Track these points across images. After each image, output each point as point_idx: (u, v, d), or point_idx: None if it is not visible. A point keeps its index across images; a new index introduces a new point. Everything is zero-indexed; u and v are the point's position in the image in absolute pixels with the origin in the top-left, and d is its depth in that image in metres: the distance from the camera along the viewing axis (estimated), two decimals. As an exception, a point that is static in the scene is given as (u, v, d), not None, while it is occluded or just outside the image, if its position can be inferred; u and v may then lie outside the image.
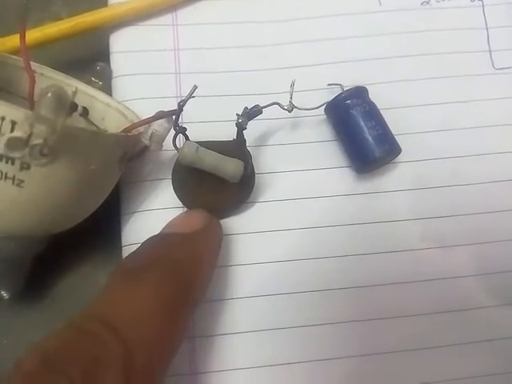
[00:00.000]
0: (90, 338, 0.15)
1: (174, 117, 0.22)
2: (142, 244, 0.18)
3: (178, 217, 0.19)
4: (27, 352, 0.15)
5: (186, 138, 0.23)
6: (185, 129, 0.23)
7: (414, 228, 0.25)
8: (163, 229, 0.18)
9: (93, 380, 0.14)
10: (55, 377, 0.14)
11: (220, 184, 0.23)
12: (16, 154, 0.17)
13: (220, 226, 0.20)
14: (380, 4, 0.29)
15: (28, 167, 0.18)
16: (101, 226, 0.24)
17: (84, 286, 0.25)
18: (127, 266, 0.17)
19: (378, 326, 0.24)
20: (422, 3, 0.29)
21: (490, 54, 0.28)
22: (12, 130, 0.17)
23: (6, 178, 0.18)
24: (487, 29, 0.29)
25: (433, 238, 0.25)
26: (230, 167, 0.22)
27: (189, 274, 0.17)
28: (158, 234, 0.18)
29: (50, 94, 0.16)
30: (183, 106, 0.22)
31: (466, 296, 0.24)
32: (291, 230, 0.24)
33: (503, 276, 0.25)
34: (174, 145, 0.23)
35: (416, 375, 0.23)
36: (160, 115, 0.22)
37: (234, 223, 0.24)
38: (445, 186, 0.26)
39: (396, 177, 0.26)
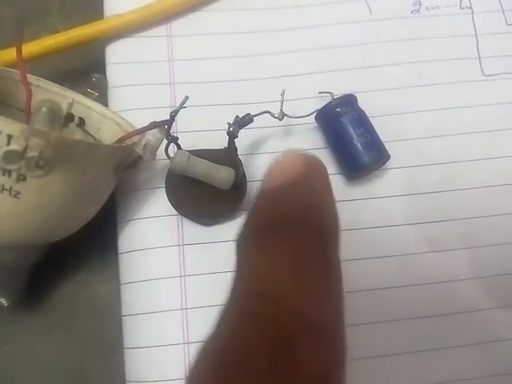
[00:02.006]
0: (256, 319, 0.13)
1: (166, 126, 0.23)
2: (252, 209, 0.15)
3: (272, 167, 0.16)
4: (195, 365, 0.13)
5: (178, 147, 0.24)
6: (177, 138, 0.24)
7: (406, 233, 0.26)
8: (263, 183, 0.16)
9: (286, 361, 0.12)
10: (242, 380, 0.12)
11: (212, 191, 0.24)
12: (12, 167, 0.18)
13: (318, 159, 0.18)
14: (370, 13, 0.30)
15: (24, 179, 0.19)
16: (97, 234, 0.25)
17: (81, 293, 0.26)
18: (248, 237, 0.15)
19: (371, 330, 0.24)
20: (411, 11, 0.30)
21: (480, 61, 0.29)
22: (8, 144, 0.18)
23: (3, 189, 0.19)
24: (476, 36, 0.29)
25: (425, 242, 0.26)
26: (221, 175, 0.23)
27: (315, 221, 0.15)
28: (262, 192, 0.16)
29: (44, 109, 0.17)
30: (175, 116, 0.23)
31: (461, 299, 0.25)
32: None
33: (498, 279, 0.25)
34: (167, 154, 0.24)
35: (411, 378, 0.24)
36: (153, 125, 0.23)
37: (227, 230, 0.25)
38: (435, 191, 0.26)
39: (386, 183, 0.26)
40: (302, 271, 0.14)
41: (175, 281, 0.24)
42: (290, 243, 0.14)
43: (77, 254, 0.25)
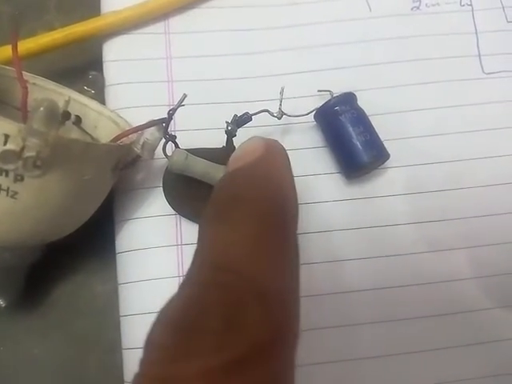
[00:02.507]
0: (214, 286, 0.14)
1: (164, 125, 0.23)
2: (215, 190, 0.17)
3: (236, 152, 0.18)
4: (152, 328, 0.14)
5: (176, 145, 0.24)
6: (174, 137, 0.24)
7: (406, 232, 0.26)
8: (228, 167, 0.18)
9: (235, 326, 0.13)
10: (196, 339, 0.13)
11: (210, 191, 0.24)
12: (10, 167, 0.18)
13: (278, 143, 0.19)
14: (370, 10, 0.30)
15: (22, 179, 0.19)
16: (94, 233, 0.25)
17: (79, 293, 0.26)
18: (211, 213, 0.16)
19: (370, 330, 0.24)
20: (411, 8, 0.30)
21: (480, 59, 0.29)
22: (5, 143, 0.18)
23: (0, 189, 0.19)
24: (477, 33, 0.29)
25: (426, 242, 0.26)
26: (219, 174, 0.23)
27: (272, 197, 0.16)
28: (225, 175, 0.17)
29: (42, 108, 0.17)
30: (173, 114, 0.23)
31: (462, 299, 0.25)
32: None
33: (499, 278, 0.25)
34: (164, 153, 0.23)
35: (410, 379, 0.24)
36: (150, 123, 0.23)
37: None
38: (436, 190, 0.26)
39: (386, 182, 0.26)
40: (259, 244, 0.15)
41: (173, 281, 0.24)
42: (249, 218, 0.15)
43: (75, 254, 0.25)
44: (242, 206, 0.15)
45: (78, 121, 0.26)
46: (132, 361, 0.24)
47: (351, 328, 0.24)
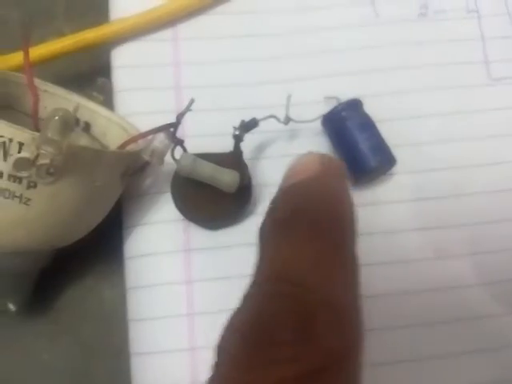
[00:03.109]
0: (280, 298, 0.14)
1: (172, 129, 0.23)
2: (272, 203, 0.17)
3: (291, 166, 0.18)
4: (224, 336, 0.14)
5: (184, 149, 0.24)
6: (182, 141, 0.24)
7: (413, 238, 0.26)
8: (282, 182, 0.18)
9: (307, 336, 0.13)
10: (268, 349, 0.13)
11: (218, 195, 0.24)
12: (23, 174, 0.19)
13: (334, 157, 0.19)
14: (377, 16, 0.30)
15: (35, 186, 0.19)
16: (103, 239, 0.25)
17: (87, 298, 0.26)
18: (270, 227, 0.17)
19: (377, 337, 0.25)
20: (418, 15, 0.30)
21: (487, 65, 0.29)
22: (19, 151, 0.18)
23: (13, 196, 0.19)
24: (483, 40, 0.30)
25: (432, 248, 0.26)
26: (226, 178, 0.24)
27: (333, 213, 0.17)
28: (283, 189, 0.18)
29: (57, 118, 0.18)
30: (181, 118, 0.23)
31: (469, 305, 0.25)
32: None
33: (507, 284, 0.26)
34: (173, 157, 0.24)
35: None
36: (158, 128, 0.23)
37: (233, 235, 0.26)
38: (443, 196, 0.27)
39: (393, 188, 0.27)
40: (322, 258, 0.15)
41: (181, 286, 0.25)
42: (312, 233, 0.16)
43: (83, 259, 0.26)
44: (302, 223, 0.16)
45: (87, 127, 0.26)
46: (140, 366, 0.24)
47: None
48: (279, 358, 0.13)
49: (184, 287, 0.25)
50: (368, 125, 0.26)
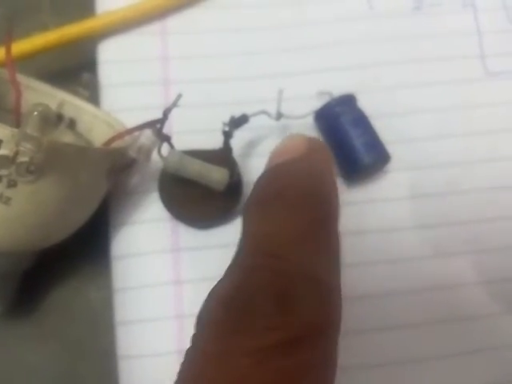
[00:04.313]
0: (262, 270, 0.15)
1: (159, 125, 0.23)
2: (256, 182, 0.18)
3: (277, 147, 0.19)
4: (205, 306, 0.15)
5: (171, 146, 0.24)
6: (169, 137, 0.24)
7: (410, 237, 0.26)
8: (268, 163, 0.19)
9: (287, 307, 0.14)
10: (249, 318, 0.14)
11: (206, 192, 0.24)
12: (3, 172, 0.18)
13: (320, 141, 0.20)
14: (371, 9, 0.30)
15: (15, 184, 0.19)
16: (89, 239, 0.25)
17: (73, 300, 0.26)
18: (254, 203, 0.17)
19: (376, 337, 0.24)
20: (413, 8, 0.30)
21: (483, 60, 0.29)
22: (-2, 148, 0.18)
23: (-7, 195, 0.19)
24: (479, 34, 0.30)
25: (430, 246, 0.26)
26: (215, 175, 0.23)
27: (316, 192, 0.17)
28: (268, 169, 0.18)
29: (36, 113, 0.17)
30: (168, 114, 0.23)
31: (467, 304, 0.25)
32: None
33: (505, 284, 0.25)
34: (159, 154, 0.24)
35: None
36: (145, 124, 0.23)
37: (222, 235, 0.25)
38: (440, 193, 0.27)
39: (388, 186, 0.27)
40: (305, 235, 0.16)
41: (170, 287, 0.25)
42: (296, 209, 0.16)
43: (68, 260, 0.25)
44: (287, 199, 0.16)
45: (72, 124, 0.26)
46: (128, 368, 0.24)
47: (353, 334, 0.24)
48: (258, 327, 0.14)
49: (172, 288, 0.25)
50: (362, 121, 0.26)
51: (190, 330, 0.24)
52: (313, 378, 0.14)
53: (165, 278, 0.25)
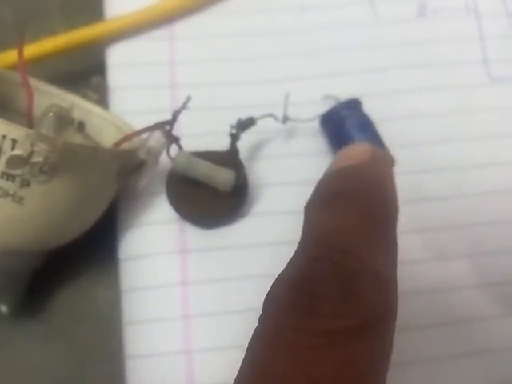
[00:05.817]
0: (326, 262, 0.16)
1: (168, 127, 0.24)
2: (320, 182, 0.19)
3: (342, 152, 0.20)
4: (274, 289, 0.16)
5: (180, 147, 0.25)
6: (178, 138, 0.24)
7: (412, 240, 0.26)
8: (331, 165, 0.20)
9: (350, 294, 0.15)
10: (319, 303, 0.15)
11: (213, 193, 0.25)
12: (16, 172, 0.19)
13: (385, 152, 0.21)
14: (375, 16, 0.30)
15: (28, 184, 0.19)
16: (97, 240, 0.25)
17: (81, 300, 0.26)
18: (318, 200, 0.18)
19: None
20: (416, 14, 0.30)
21: (486, 65, 0.30)
22: (13, 149, 0.18)
23: (6, 195, 0.19)
24: (482, 39, 0.30)
25: (431, 249, 0.26)
26: (221, 176, 0.24)
27: (379, 195, 0.18)
28: (333, 170, 0.19)
29: (51, 114, 0.18)
30: (177, 116, 0.23)
31: (468, 307, 0.25)
32: (285, 243, 0.25)
33: (505, 287, 0.26)
34: (168, 155, 0.24)
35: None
36: (154, 126, 0.23)
37: (229, 236, 0.26)
38: (443, 197, 0.27)
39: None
40: (368, 233, 0.16)
41: (177, 287, 0.25)
42: (360, 209, 0.17)
43: (77, 260, 0.26)
44: (350, 198, 0.17)
45: (82, 127, 0.26)
46: (135, 368, 0.24)
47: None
48: (325, 312, 0.14)
49: (180, 289, 0.25)
50: (367, 125, 0.26)
51: (196, 330, 0.24)
52: (374, 365, 0.15)
53: (172, 279, 0.25)
